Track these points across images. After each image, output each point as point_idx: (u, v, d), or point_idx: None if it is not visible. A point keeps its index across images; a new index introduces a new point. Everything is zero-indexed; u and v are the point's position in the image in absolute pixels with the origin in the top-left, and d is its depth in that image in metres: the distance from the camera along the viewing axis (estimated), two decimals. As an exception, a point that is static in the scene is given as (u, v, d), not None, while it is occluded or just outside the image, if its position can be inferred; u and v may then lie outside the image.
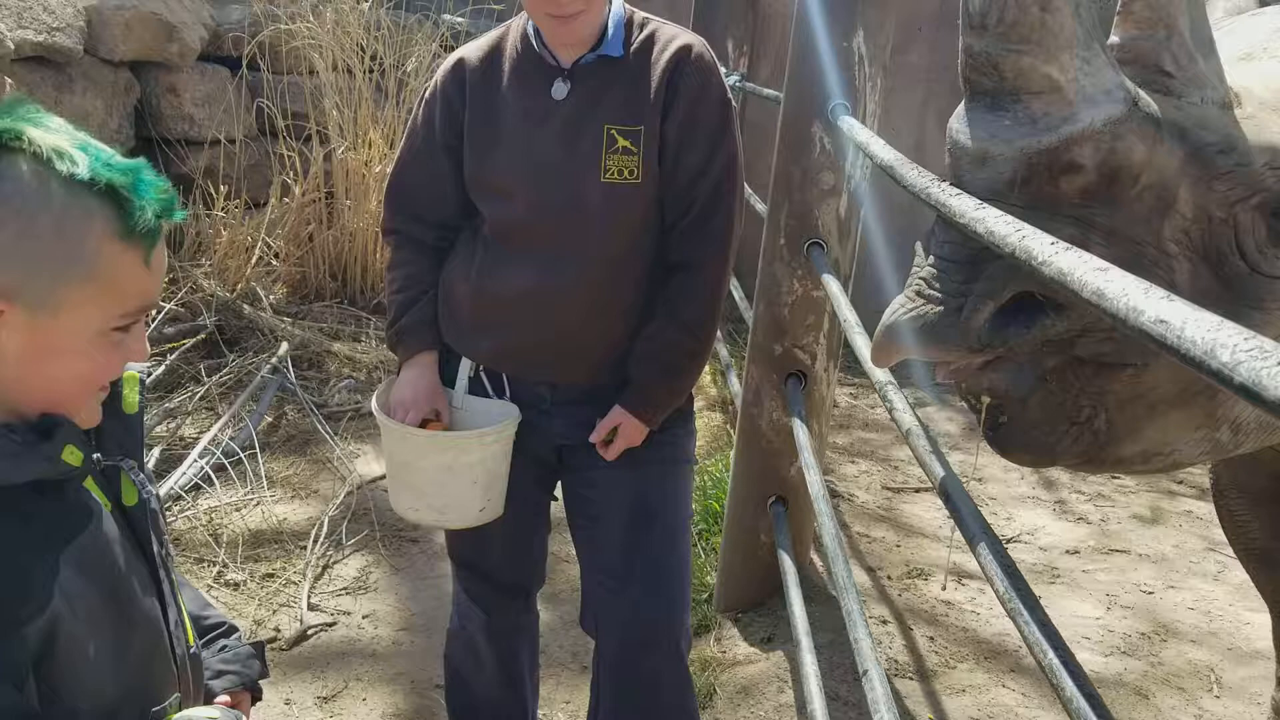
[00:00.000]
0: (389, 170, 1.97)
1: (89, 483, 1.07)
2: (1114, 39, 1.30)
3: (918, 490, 3.98)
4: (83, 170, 0.97)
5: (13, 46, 4.23)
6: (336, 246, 5.33)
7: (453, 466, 1.84)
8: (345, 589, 3.16)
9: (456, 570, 2.12)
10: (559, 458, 1.99)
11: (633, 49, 1.83)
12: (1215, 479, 2.32)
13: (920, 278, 1.29)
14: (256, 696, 1.33)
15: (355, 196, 5.32)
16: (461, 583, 2.12)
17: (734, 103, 1.94)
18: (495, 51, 1.88)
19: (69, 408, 1.03)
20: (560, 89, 1.82)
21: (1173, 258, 1.25)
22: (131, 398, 1.15)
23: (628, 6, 1.89)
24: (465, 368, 1.95)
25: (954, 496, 1.47)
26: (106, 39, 5.02)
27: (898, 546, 3.50)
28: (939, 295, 1.24)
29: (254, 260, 5.03)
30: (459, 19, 6.12)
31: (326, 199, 5.36)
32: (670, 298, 1.88)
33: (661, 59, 1.82)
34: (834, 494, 3.78)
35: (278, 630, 2.92)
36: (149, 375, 4.12)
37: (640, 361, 1.88)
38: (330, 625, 2.98)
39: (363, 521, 3.50)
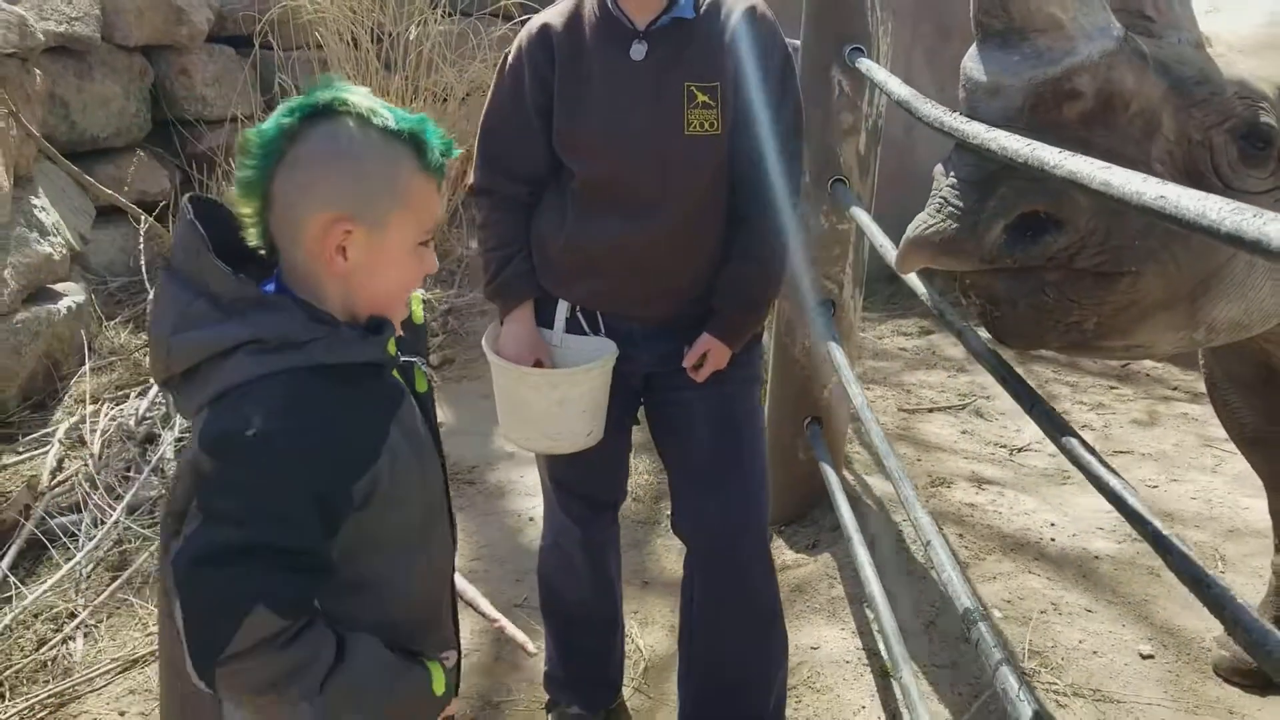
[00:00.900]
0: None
1: (395, 372, 1.34)
2: None
3: (930, 410, 4.25)
4: (392, 122, 1.23)
5: (43, 39, 4.38)
6: (356, 215, 5.51)
7: (564, 400, 2.06)
8: (415, 528, 3.40)
9: (554, 490, 2.34)
10: (645, 383, 2.23)
11: (702, 9, 2.04)
12: (1209, 373, 2.57)
13: (940, 196, 1.49)
14: None
15: (370, 165, 5.49)
16: (558, 502, 2.35)
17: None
18: (575, 16, 2.07)
19: (391, 309, 1.31)
20: (639, 50, 2.02)
21: (1159, 175, 1.42)
22: (418, 311, 1.43)
23: None
24: (563, 309, 2.16)
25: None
26: (121, 25, 5.17)
27: (919, 460, 3.77)
28: (957, 212, 1.44)
29: (279, 232, 5.21)
30: (450, -15, 6.27)
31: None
32: (745, 237, 2.09)
33: (731, 18, 2.03)
34: (855, 418, 4.04)
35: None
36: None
37: (724, 294, 2.10)
38: (408, 560, 3.22)
39: (419, 468, 3.73)
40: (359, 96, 1.24)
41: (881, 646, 2.63)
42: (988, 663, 1.59)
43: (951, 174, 1.48)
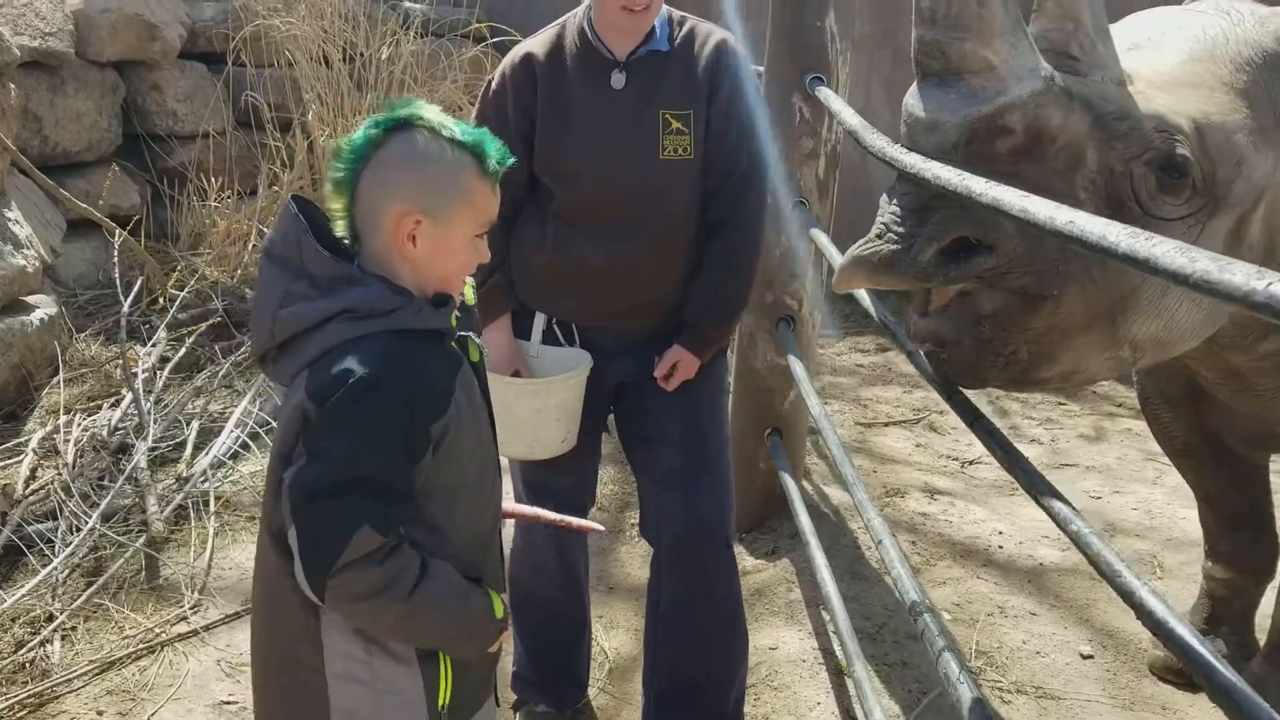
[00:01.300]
0: None
1: (453, 344, 1.55)
2: (1032, 29, 1.62)
3: (886, 424, 4.40)
4: (458, 134, 1.46)
5: (19, 53, 4.44)
6: (325, 230, 5.59)
7: (541, 408, 2.18)
8: (386, 535, 3.49)
9: (526, 494, 2.45)
10: (616, 393, 2.34)
11: (677, 43, 2.17)
12: (1141, 389, 2.73)
13: (882, 222, 1.62)
14: None
15: (340, 182, 5.58)
16: (530, 504, 2.45)
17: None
18: (557, 46, 2.20)
19: (452, 287, 1.53)
20: (619, 79, 2.15)
21: (1083, 204, 1.56)
22: (469, 294, 1.66)
23: (666, 6, 2.23)
24: (539, 322, 2.28)
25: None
26: (94, 41, 5.24)
27: (874, 472, 3.91)
28: (895, 236, 1.58)
29: (250, 246, 5.29)
30: (419, 4, 6.39)
31: (313, 185, 5.62)
32: (717, 251, 2.23)
33: (703, 52, 2.17)
34: (813, 431, 4.18)
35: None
36: (170, 360, 4.40)
37: (695, 307, 2.23)
38: (379, 566, 3.31)
39: (390, 478, 3.82)
40: (431, 113, 1.46)
41: (836, 646, 2.76)
42: (931, 650, 1.72)
43: (894, 202, 1.61)
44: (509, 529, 3.04)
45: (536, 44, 2.23)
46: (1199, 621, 2.84)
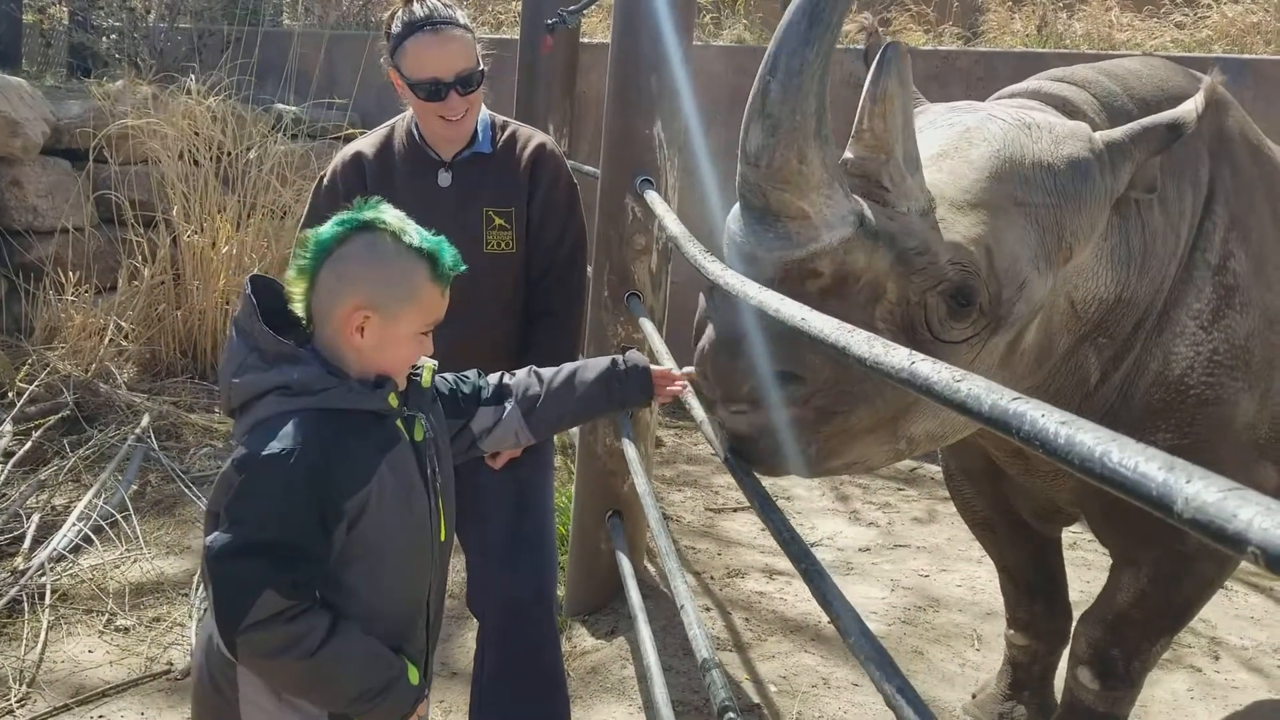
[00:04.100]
0: (232, 252, 2.36)
1: (399, 423, 1.67)
2: (848, 155, 1.75)
3: (735, 510, 4.57)
4: (415, 240, 1.61)
5: None
6: (186, 325, 5.61)
7: None
8: (229, 626, 3.47)
9: None
10: None
11: (499, 145, 2.35)
12: (945, 466, 2.93)
13: (702, 351, 1.74)
14: None
15: (203, 277, 5.62)
16: None
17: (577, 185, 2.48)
18: (386, 146, 2.36)
19: (394, 374, 1.66)
20: (445, 178, 2.31)
21: (881, 332, 1.68)
22: (427, 379, 1.77)
23: (489, 111, 2.41)
24: None
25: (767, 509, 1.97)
26: (-49, 135, 5.22)
27: (719, 554, 4.06)
28: (714, 372, 1.71)
29: (106, 341, 5.26)
30: (292, 108, 6.54)
31: (175, 281, 5.64)
32: (539, 339, 2.38)
33: (524, 154, 2.35)
34: (664, 516, 4.32)
35: (170, 663, 3.22)
36: (15, 454, 4.33)
37: None
38: (219, 656, 3.29)
39: (238, 569, 3.81)
40: (393, 217, 1.62)
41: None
42: (714, 702, 1.84)
43: (710, 326, 1.73)
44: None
45: (366, 144, 2.39)
46: (1004, 687, 3.03)
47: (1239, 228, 2.20)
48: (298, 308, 1.63)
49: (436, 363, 1.79)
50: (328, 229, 1.61)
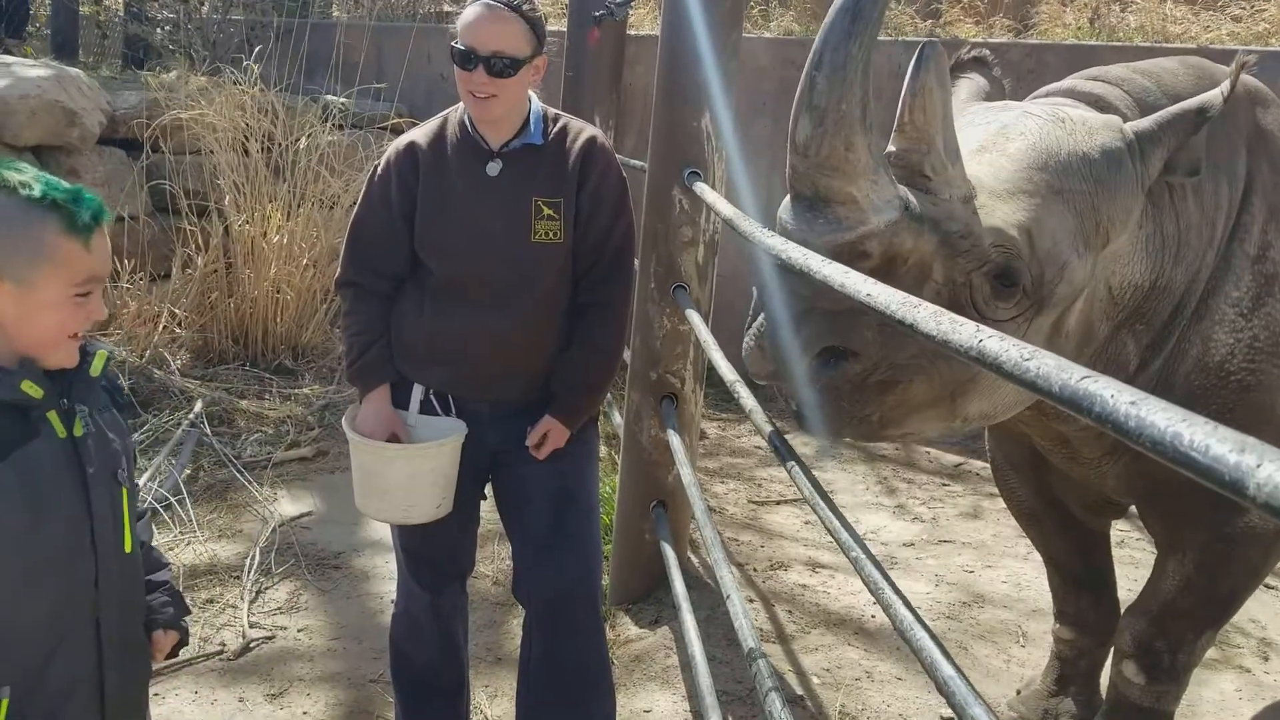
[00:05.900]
0: (283, 241, 2.38)
1: (52, 415, 1.53)
2: (891, 148, 1.81)
3: (779, 503, 4.57)
4: (36, 192, 1.45)
5: (-68, 135, 4.53)
6: (238, 312, 5.70)
7: (416, 473, 2.30)
8: (279, 609, 3.54)
9: (405, 559, 2.55)
10: (492, 460, 2.48)
11: (550, 137, 2.37)
12: (993, 458, 2.93)
13: (757, 327, 1.81)
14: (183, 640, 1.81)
15: (254, 265, 5.71)
16: (409, 570, 2.55)
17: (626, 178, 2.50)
18: (439, 136, 2.38)
19: (47, 352, 1.50)
20: (494, 167, 2.33)
21: None
22: (97, 366, 1.61)
23: (541, 104, 2.42)
24: (417, 392, 2.41)
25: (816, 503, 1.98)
26: (12, 125, 5.33)
27: (762, 547, 4.07)
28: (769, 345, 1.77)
29: (160, 327, 5.36)
30: (343, 100, 6.61)
31: (227, 269, 5.73)
32: (586, 328, 2.40)
33: (574, 146, 2.36)
34: (712, 507, 4.33)
35: (223, 644, 3.28)
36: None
37: (565, 380, 2.39)
38: (270, 638, 3.35)
39: (288, 554, 3.88)
40: (13, 172, 1.46)
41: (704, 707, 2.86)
42: (760, 690, 1.85)
43: (766, 305, 1.80)
44: (372, 618, 3.09)
45: (420, 133, 2.41)
46: (1050, 682, 3.01)
47: (1278, 219, 2.23)
48: None
49: (112, 349, 1.68)
50: None
